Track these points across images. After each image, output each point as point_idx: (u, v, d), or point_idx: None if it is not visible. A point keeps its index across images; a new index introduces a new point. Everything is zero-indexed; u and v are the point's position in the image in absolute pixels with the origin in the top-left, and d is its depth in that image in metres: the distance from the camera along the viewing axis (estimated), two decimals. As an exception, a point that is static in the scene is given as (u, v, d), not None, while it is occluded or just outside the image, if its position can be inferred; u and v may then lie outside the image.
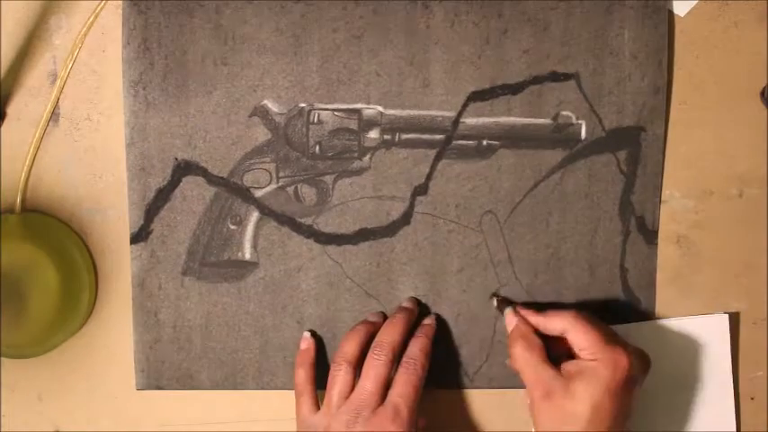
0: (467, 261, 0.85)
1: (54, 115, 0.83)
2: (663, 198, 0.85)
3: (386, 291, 0.85)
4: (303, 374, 0.83)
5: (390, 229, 0.84)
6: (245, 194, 0.83)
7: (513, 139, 0.83)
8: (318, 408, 0.81)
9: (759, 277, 0.86)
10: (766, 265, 0.86)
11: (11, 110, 0.83)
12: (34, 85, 0.83)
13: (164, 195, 0.82)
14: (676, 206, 0.86)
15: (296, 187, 0.83)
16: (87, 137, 0.84)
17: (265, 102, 0.82)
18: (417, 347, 0.81)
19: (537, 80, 0.83)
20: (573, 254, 0.85)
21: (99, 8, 0.82)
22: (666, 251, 0.86)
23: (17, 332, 0.81)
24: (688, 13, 0.84)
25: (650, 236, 0.85)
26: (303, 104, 0.82)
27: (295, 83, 0.82)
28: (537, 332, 0.80)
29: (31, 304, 0.81)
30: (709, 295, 0.87)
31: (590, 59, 0.83)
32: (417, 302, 0.85)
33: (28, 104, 0.83)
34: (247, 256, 0.83)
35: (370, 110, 0.83)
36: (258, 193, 0.83)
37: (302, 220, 0.84)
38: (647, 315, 0.86)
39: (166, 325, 0.84)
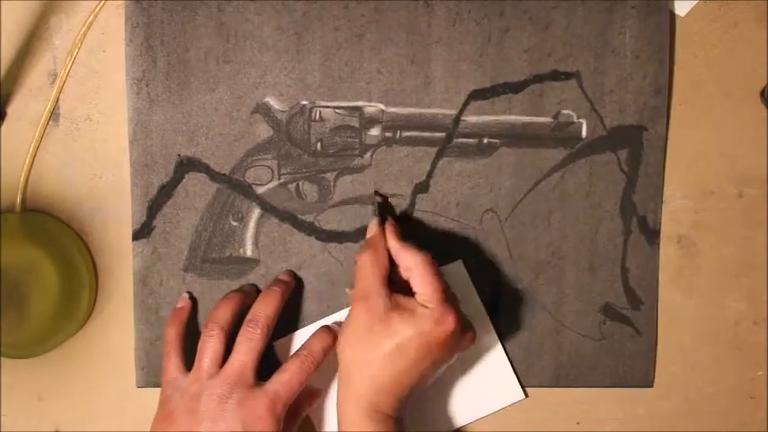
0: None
1: (54, 115, 0.83)
2: (663, 198, 0.85)
3: (387, 289, 0.84)
4: (174, 333, 0.81)
5: (392, 227, 0.84)
6: (246, 191, 0.83)
7: (514, 137, 0.83)
8: (186, 370, 0.79)
9: (759, 277, 0.87)
10: (766, 265, 0.87)
11: (11, 110, 0.83)
12: (34, 85, 0.83)
13: (166, 191, 0.82)
14: (676, 206, 0.86)
15: (297, 184, 0.83)
16: (87, 137, 0.83)
17: (267, 99, 0.82)
18: (320, 346, 0.80)
19: (538, 79, 0.83)
20: (574, 253, 0.85)
21: (99, 8, 0.82)
22: (667, 251, 0.86)
23: (17, 332, 0.80)
24: (688, 13, 0.84)
25: (652, 235, 0.85)
26: (305, 102, 0.82)
27: (297, 80, 0.82)
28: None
29: (31, 304, 0.81)
30: (710, 295, 0.87)
31: (591, 58, 0.83)
32: (294, 276, 0.84)
33: (28, 104, 0.83)
34: (249, 252, 0.83)
35: (372, 107, 0.83)
36: (260, 190, 0.83)
37: (303, 218, 0.83)
38: (649, 314, 0.86)
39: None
